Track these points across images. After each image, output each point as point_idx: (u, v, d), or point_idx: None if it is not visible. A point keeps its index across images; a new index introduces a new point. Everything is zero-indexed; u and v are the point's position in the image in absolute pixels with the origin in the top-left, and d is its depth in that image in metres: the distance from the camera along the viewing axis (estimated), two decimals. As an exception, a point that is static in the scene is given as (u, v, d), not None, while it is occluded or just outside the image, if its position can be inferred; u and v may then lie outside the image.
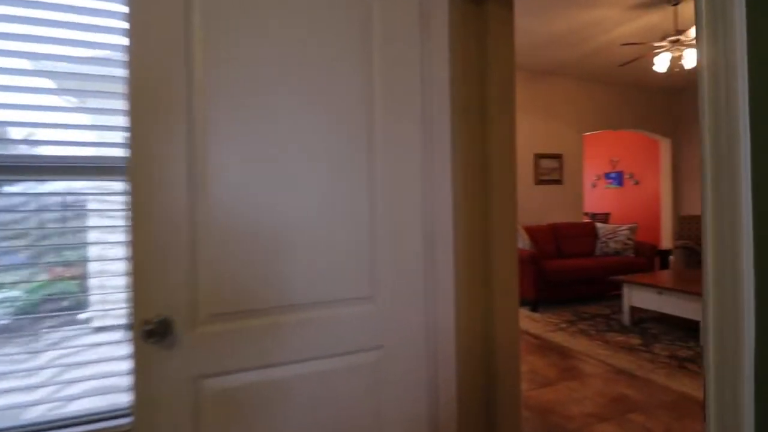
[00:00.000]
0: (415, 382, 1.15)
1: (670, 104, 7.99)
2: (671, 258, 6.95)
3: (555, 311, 4.34)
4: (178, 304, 0.98)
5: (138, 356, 0.95)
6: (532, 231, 5.13)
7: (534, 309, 4.34)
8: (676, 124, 8.07)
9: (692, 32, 3.87)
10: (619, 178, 9.64)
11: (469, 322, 1.29)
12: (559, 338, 3.48)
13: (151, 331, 0.93)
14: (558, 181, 6.89)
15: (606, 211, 9.82)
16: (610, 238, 5.32)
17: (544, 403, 2.38)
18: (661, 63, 4.20)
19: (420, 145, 1.18)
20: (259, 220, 1.02)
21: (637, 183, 9.22)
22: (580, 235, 5.45)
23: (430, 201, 1.19)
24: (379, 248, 1.13)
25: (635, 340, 3.39)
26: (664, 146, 8.09)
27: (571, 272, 4.47)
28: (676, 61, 4.47)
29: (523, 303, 4.61)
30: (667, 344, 3.27)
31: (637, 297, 3.72)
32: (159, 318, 0.95)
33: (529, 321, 3.99)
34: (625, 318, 3.83)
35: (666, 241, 7.93)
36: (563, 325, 3.84)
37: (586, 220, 9.18)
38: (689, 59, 4.04)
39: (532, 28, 4.74)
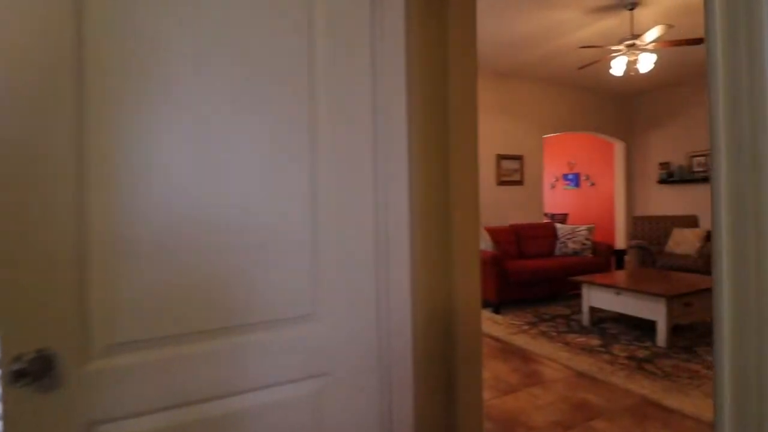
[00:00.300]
0: (365, 413, 1.00)
1: (624, 109, 8.28)
2: (626, 257, 7.20)
3: (517, 312, 4.32)
4: (63, 333, 0.77)
5: (6, 405, 0.74)
6: (494, 232, 5.11)
7: (496, 311, 4.30)
8: (629, 128, 8.38)
9: (647, 36, 3.95)
10: (576, 180, 9.92)
11: (428, 341, 1.15)
12: (522, 341, 3.44)
13: (22, 372, 0.72)
14: (519, 182, 6.97)
15: (564, 212, 10.09)
16: (569, 239, 5.40)
17: (507, 412, 2.30)
18: (618, 66, 4.28)
19: (371, 143, 1.02)
20: (174, 227, 0.83)
21: (593, 184, 9.52)
22: (540, 236, 5.50)
23: (383, 203, 1.04)
24: (323, 258, 0.97)
25: (595, 341, 3.39)
26: (618, 149, 8.37)
27: (532, 273, 4.47)
28: (632, 65, 4.57)
29: (486, 305, 4.57)
30: (626, 344, 3.30)
31: (596, 297, 3.75)
32: (35, 352, 0.75)
33: (492, 324, 3.94)
34: (585, 318, 3.85)
35: (620, 241, 8.21)
36: (525, 327, 3.82)
37: (546, 220, 9.38)
38: (644, 63, 4.13)
39: (493, 29, 4.72)
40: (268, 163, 0.91)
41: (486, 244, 4.67)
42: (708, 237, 6.32)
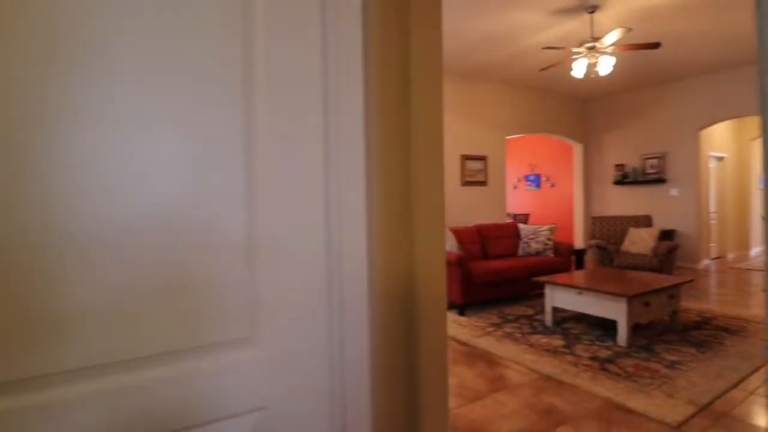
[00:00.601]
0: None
1: (583, 112, 8.52)
2: (586, 257, 7.39)
3: (481, 314, 4.28)
4: None
5: None
6: (459, 233, 5.06)
7: (461, 312, 4.24)
8: (587, 130, 8.62)
9: (607, 39, 4.00)
10: (537, 181, 10.14)
11: (388, 359, 1.00)
12: (487, 343, 3.38)
13: None
14: (483, 183, 7.00)
15: (526, 212, 10.28)
16: (531, 239, 5.44)
17: (472, 421, 2.20)
18: (579, 68, 4.32)
19: (321, 138, 0.87)
20: (57, 229, 0.64)
21: (553, 185, 9.74)
22: (504, 236, 5.51)
23: (336, 202, 0.89)
24: (263, 271, 0.80)
25: (558, 342, 3.38)
26: (577, 151, 8.60)
27: (497, 273, 4.44)
28: (592, 68, 4.64)
29: (451, 307, 4.50)
30: (588, 345, 3.31)
31: (559, 298, 3.75)
32: None
33: (457, 326, 3.87)
34: (548, 319, 3.85)
35: (579, 241, 8.44)
36: (490, 329, 3.77)
37: (509, 220, 9.52)
38: (603, 66, 4.19)
39: (455, 28, 4.67)
40: (194, 153, 0.74)
41: (451, 245, 4.61)
42: (661, 236, 6.57)
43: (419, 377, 1.04)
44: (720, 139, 8.05)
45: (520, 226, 5.69)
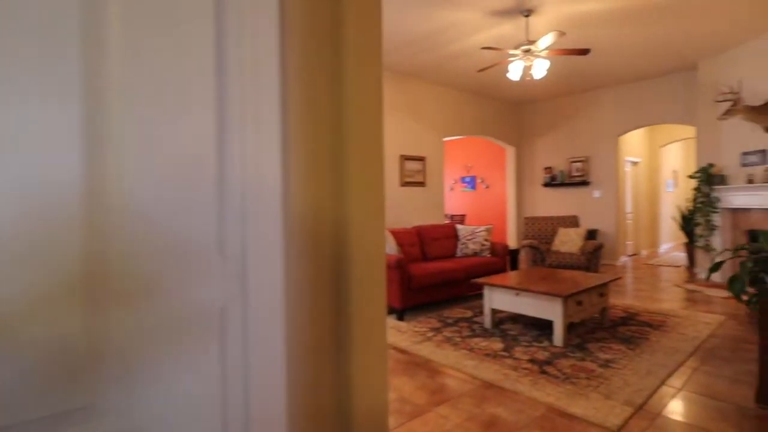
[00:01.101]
0: None
1: (516, 116, 8.82)
2: (520, 257, 7.61)
3: (420, 318, 4.15)
4: None
5: None
6: (398, 234, 4.91)
7: (400, 317, 4.08)
8: (519, 134, 8.94)
9: (541, 42, 4.06)
10: (472, 182, 10.36)
11: (311, 397, 0.77)
12: (427, 350, 3.24)
13: None
14: (422, 183, 6.95)
15: (462, 213, 10.48)
16: (469, 240, 5.44)
17: (414, 441, 2.01)
18: (515, 71, 4.36)
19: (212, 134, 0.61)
20: None
21: (487, 187, 10.01)
22: (443, 237, 5.46)
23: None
24: (117, 309, 0.53)
25: (497, 345, 3.33)
26: (510, 154, 8.88)
27: (436, 276, 4.34)
28: (527, 71, 4.72)
29: (390, 312, 4.33)
30: (526, 346, 3.28)
31: (497, 299, 3.72)
32: None
33: (396, 333, 3.69)
34: (487, 321, 3.80)
35: (512, 241, 8.71)
36: (430, 334, 3.64)
37: (447, 221, 9.62)
38: (538, 69, 4.25)
39: (393, 27, 4.53)
40: None
41: (390, 247, 4.44)
42: (587, 236, 6.91)
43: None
44: (635, 145, 8.73)
45: (458, 227, 5.68)
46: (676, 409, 2.27)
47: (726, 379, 2.61)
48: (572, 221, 6.24)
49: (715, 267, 1.78)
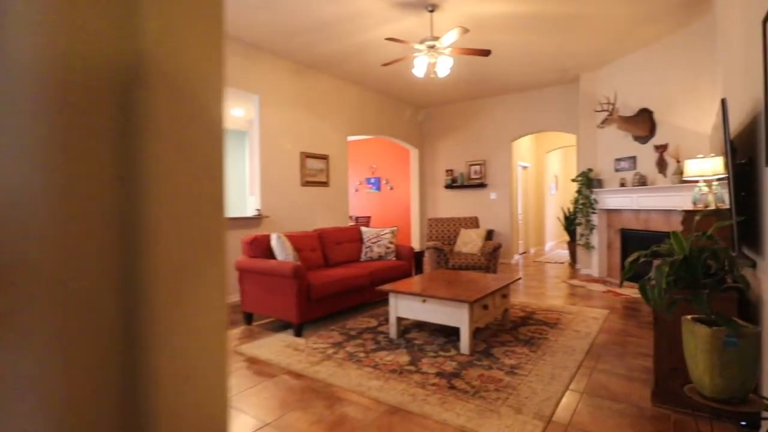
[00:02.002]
0: None
1: (419, 118, 8.86)
2: (424, 258, 7.60)
3: (321, 332, 3.74)
4: None
5: None
6: (297, 239, 4.43)
7: (298, 333, 3.62)
8: (422, 136, 8.99)
9: (446, 39, 3.93)
10: (377, 184, 10.23)
11: None
12: (326, 371, 2.84)
13: None
14: (325, 183, 6.53)
15: (367, 215, 10.28)
16: (374, 243, 5.17)
17: (306, 502, 1.60)
18: (420, 66, 4.19)
19: None
20: None
21: (392, 188, 9.95)
22: (347, 241, 5.11)
23: None
24: None
25: (404, 358, 3.07)
26: (414, 155, 8.89)
27: (338, 283, 3.97)
28: (431, 68, 4.59)
29: (286, 327, 3.85)
30: (433, 357, 3.07)
31: (403, 307, 3.47)
32: None
33: (292, 352, 3.23)
34: (393, 331, 3.54)
35: (416, 242, 8.72)
36: (331, 351, 3.25)
37: (351, 223, 9.31)
38: (442, 66, 4.13)
39: (295, 6, 4.06)
40: None
41: (287, 254, 3.95)
42: (486, 236, 7.10)
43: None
44: (525, 151, 9.35)
45: (363, 229, 5.38)
46: (582, 418, 2.20)
47: (622, 378, 2.66)
48: (473, 222, 6.35)
49: (628, 272, 1.68)
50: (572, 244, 7.66)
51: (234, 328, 3.89)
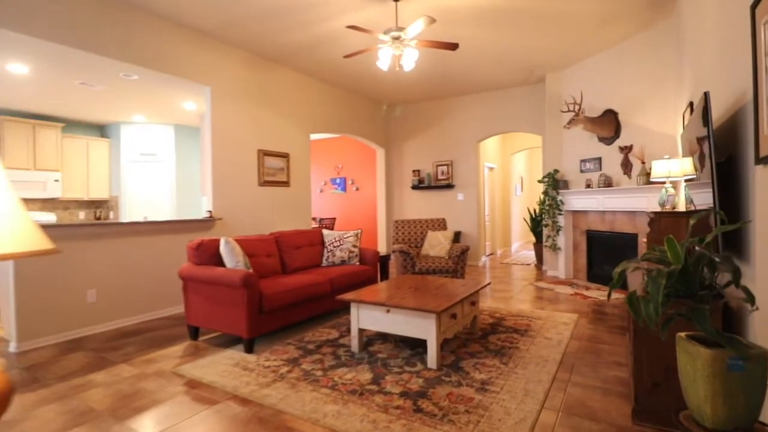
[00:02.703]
0: None
1: (385, 117, 8.61)
2: (390, 262, 7.34)
3: (275, 346, 3.39)
4: None
5: None
6: (248, 243, 4.05)
7: (249, 349, 3.25)
8: (389, 135, 8.75)
9: (411, 30, 3.68)
10: (343, 184, 9.89)
11: None
12: (277, 396, 2.51)
13: None
14: (285, 183, 6.14)
15: (332, 216, 9.92)
16: (336, 246, 4.86)
17: None
18: (384, 58, 3.92)
19: None
20: None
21: (358, 189, 9.65)
22: (306, 245, 4.76)
23: None
24: None
25: (366, 375, 2.78)
26: (380, 155, 8.63)
27: (295, 292, 3.63)
28: (396, 60, 4.34)
29: (236, 342, 3.48)
30: (397, 373, 2.80)
31: (366, 317, 3.18)
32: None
33: (240, 373, 2.87)
34: (354, 344, 3.24)
35: (383, 245, 8.45)
36: (284, 369, 2.91)
37: (315, 225, 8.93)
38: (407, 59, 3.88)
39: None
40: None
41: (238, 260, 3.57)
42: (454, 238, 6.93)
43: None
44: (491, 152, 9.29)
45: (325, 232, 5.05)
46: (561, 441, 1.99)
47: (598, 391, 2.48)
48: (440, 224, 6.15)
49: (615, 284, 1.47)
50: (538, 246, 7.62)
51: (177, 345, 3.47)
